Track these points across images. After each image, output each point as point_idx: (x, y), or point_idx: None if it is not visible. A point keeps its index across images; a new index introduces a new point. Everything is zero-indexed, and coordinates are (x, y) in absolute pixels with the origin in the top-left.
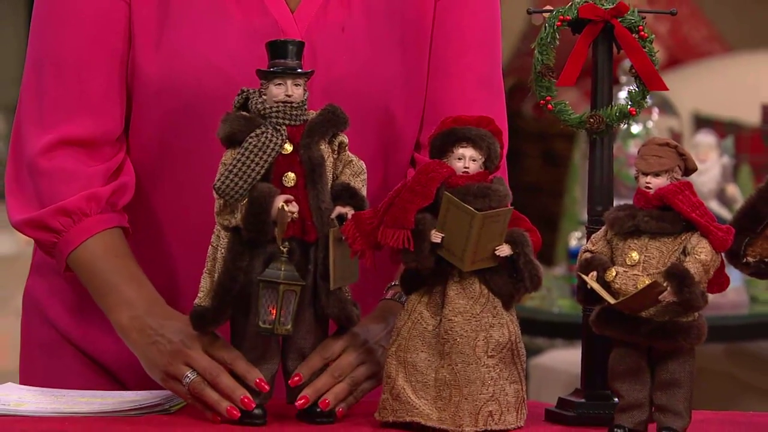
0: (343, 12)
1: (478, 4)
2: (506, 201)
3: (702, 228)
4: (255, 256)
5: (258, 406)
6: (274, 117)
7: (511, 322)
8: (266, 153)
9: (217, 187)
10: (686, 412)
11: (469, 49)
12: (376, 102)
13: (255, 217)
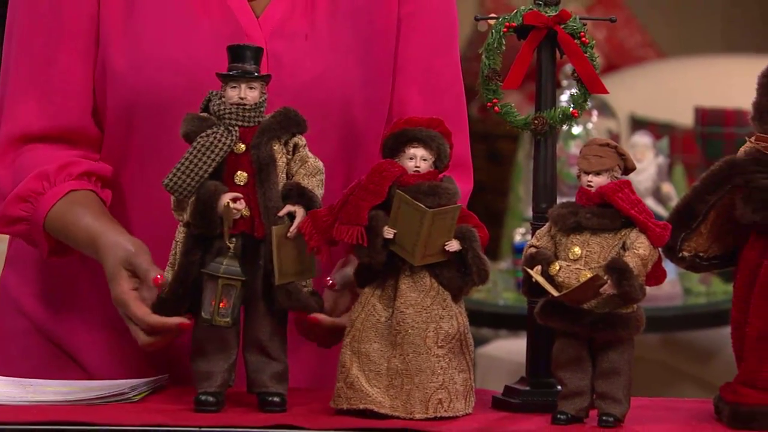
0: (306, 19)
1: (441, 13)
2: (455, 199)
3: (640, 224)
4: (207, 251)
5: (210, 394)
6: (227, 118)
7: (459, 314)
8: (214, 152)
9: (165, 183)
10: (625, 399)
11: (434, 56)
12: (340, 106)
13: (201, 214)
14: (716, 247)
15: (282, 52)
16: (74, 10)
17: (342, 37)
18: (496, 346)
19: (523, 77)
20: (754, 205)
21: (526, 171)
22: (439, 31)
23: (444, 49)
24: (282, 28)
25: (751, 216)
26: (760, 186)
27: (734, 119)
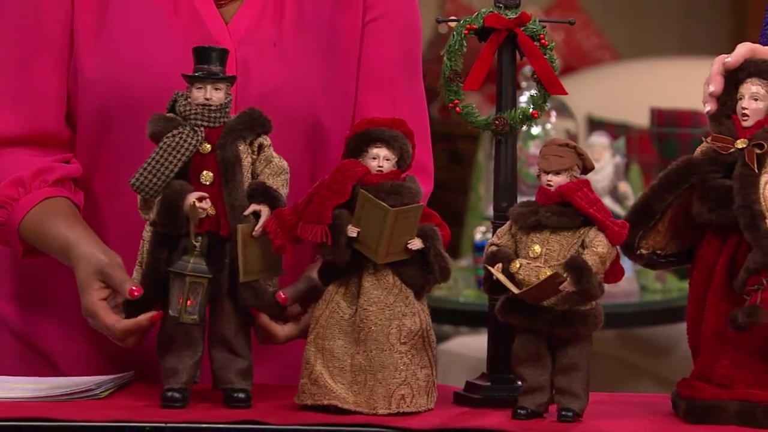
0: (274, 26)
1: (404, 20)
2: (418, 198)
3: (599, 223)
4: (173, 249)
5: (176, 390)
6: (193, 118)
7: (422, 311)
8: (180, 152)
9: (132, 183)
10: (584, 394)
11: (395, 68)
12: (305, 112)
13: (167, 213)
14: (673, 245)
15: (250, 59)
16: (49, 15)
17: (308, 44)
18: (456, 342)
19: (483, 78)
20: (710, 204)
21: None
22: (402, 38)
23: (407, 56)
24: (250, 35)
25: (707, 215)
26: (716, 186)
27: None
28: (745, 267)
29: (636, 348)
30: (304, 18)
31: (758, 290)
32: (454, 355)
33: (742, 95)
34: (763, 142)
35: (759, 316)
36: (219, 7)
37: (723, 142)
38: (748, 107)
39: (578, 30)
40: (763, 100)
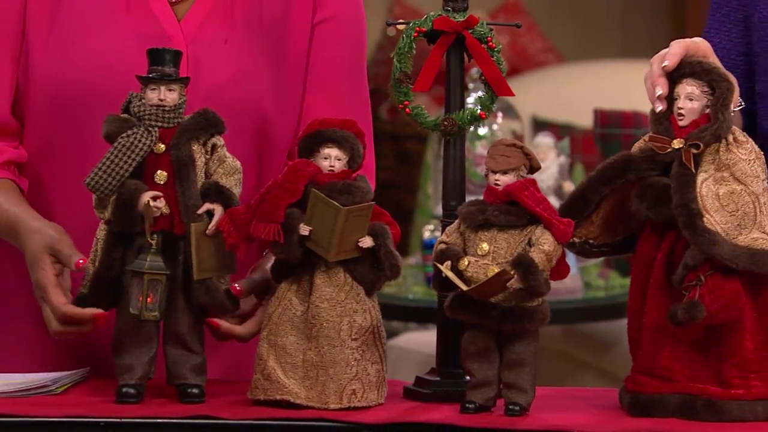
0: (225, 24)
1: (351, 23)
2: (368, 197)
3: (545, 221)
4: (128, 248)
5: (131, 386)
6: (147, 119)
7: (373, 307)
8: (134, 152)
9: (87, 182)
10: (531, 388)
11: (341, 71)
12: (253, 109)
13: (122, 212)
14: (606, 236)
15: (201, 55)
16: (2, 7)
17: (258, 43)
18: (405, 338)
19: (433, 80)
20: (649, 202)
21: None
22: (348, 40)
23: (353, 58)
24: (202, 32)
25: (645, 212)
26: (654, 184)
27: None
28: (683, 263)
29: (580, 343)
30: (254, 16)
31: (696, 286)
32: (403, 350)
33: (678, 95)
34: (699, 142)
35: (697, 312)
36: (171, 5)
37: (660, 142)
38: (684, 107)
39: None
40: (698, 100)
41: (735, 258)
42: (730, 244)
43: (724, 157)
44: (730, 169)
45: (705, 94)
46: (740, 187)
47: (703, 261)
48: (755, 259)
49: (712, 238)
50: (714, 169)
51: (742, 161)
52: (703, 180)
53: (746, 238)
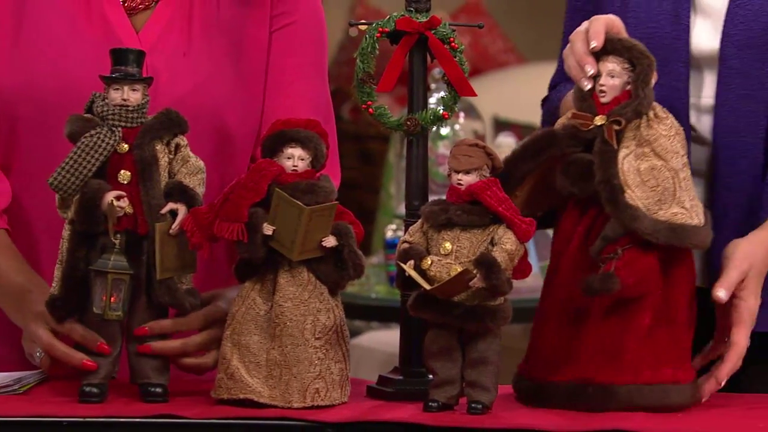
0: (184, 35)
1: (310, 27)
2: (332, 197)
3: (507, 221)
4: (91, 248)
5: (94, 385)
6: (111, 119)
7: (336, 306)
8: (98, 152)
9: (50, 182)
10: (493, 387)
11: (302, 74)
12: (214, 114)
13: (85, 211)
14: (528, 209)
15: (160, 67)
16: None
17: (217, 50)
18: (368, 337)
19: (396, 80)
20: (572, 177)
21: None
22: (308, 45)
23: (313, 61)
24: (161, 44)
25: (569, 188)
26: (577, 160)
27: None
28: (603, 235)
29: None
30: (212, 24)
31: (613, 258)
32: (366, 349)
33: (600, 72)
34: (620, 118)
35: (612, 284)
36: (130, 16)
37: (583, 119)
38: (606, 84)
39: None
40: (619, 77)
41: (656, 233)
42: (650, 219)
43: (645, 132)
44: (650, 144)
45: (626, 71)
46: (660, 163)
47: (622, 234)
48: (675, 233)
49: (634, 213)
50: (635, 145)
51: (663, 137)
52: (625, 156)
53: (666, 213)
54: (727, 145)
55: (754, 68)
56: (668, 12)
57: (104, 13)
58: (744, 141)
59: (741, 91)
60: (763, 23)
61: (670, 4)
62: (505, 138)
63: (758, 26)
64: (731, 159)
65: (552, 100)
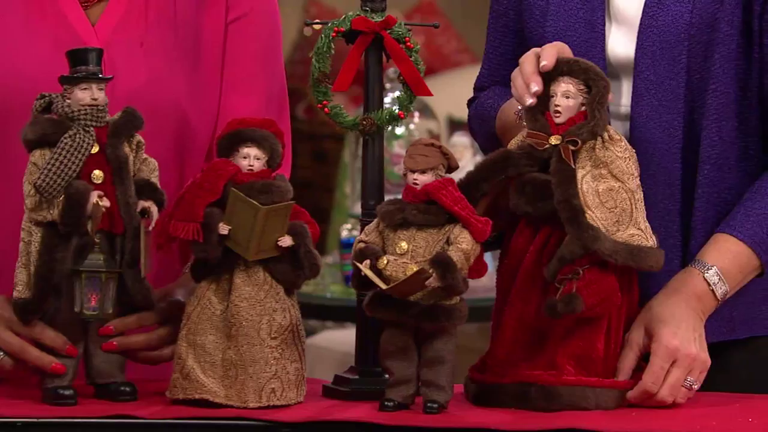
0: (140, 27)
1: (265, 21)
2: (288, 196)
3: (463, 220)
4: (66, 248)
5: (67, 387)
6: (83, 119)
7: (292, 306)
8: (80, 152)
9: (38, 184)
10: (449, 386)
11: (258, 69)
12: (171, 110)
13: (72, 212)
14: None
15: (117, 59)
16: None
17: (173, 43)
18: (323, 337)
19: (351, 80)
20: (528, 197)
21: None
22: (263, 38)
23: (268, 54)
24: (117, 36)
25: (524, 207)
26: (532, 179)
27: None
28: (559, 256)
29: None
30: (168, 17)
31: (572, 279)
32: (321, 349)
33: (555, 93)
34: (576, 138)
35: (576, 305)
36: (85, 9)
37: (538, 138)
38: (561, 104)
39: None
40: (574, 97)
41: (615, 253)
42: (610, 240)
43: (600, 154)
44: (608, 166)
45: (581, 92)
46: (618, 184)
47: (580, 255)
48: (633, 254)
49: (595, 233)
50: (591, 166)
51: (619, 159)
52: (583, 176)
53: (624, 234)
54: (643, 155)
55: (668, 79)
56: (584, 20)
57: (59, 7)
58: (660, 152)
59: (655, 102)
60: (676, 35)
61: (586, 12)
62: (460, 138)
63: (672, 37)
64: (646, 169)
65: (484, 106)
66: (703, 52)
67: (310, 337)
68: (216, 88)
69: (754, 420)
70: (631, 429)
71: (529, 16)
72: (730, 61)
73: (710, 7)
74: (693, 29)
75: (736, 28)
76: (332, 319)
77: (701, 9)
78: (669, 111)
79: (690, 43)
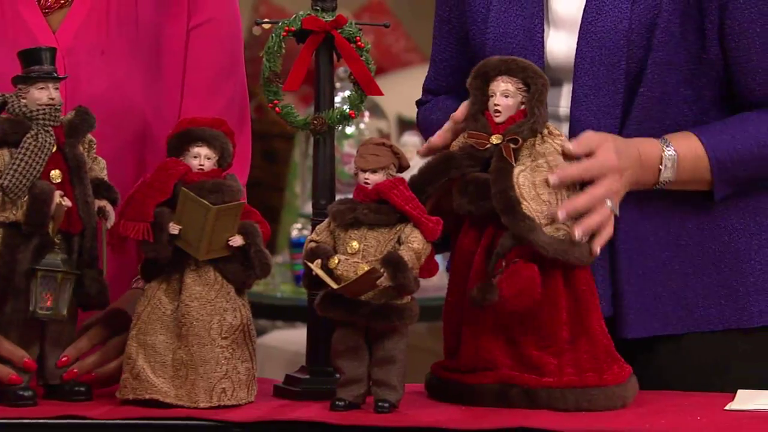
0: (101, 33)
1: (227, 27)
2: (238, 196)
3: (414, 219)
4: (28, 248)
5: (23, 389)
6: (42, 119)
7: (243, 306)
8: (43, 153)
9: (4, 185)
10: (400, 385)
11: (220, 75)
12: (132, 116)
13: (37, 212)
14: None
15: (79, 65)
16: None
17: (134, 50)
18: (273, 336)
19: (302, 79)
20: (470, 196)
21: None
22: (225, 45)
23: (229, 60)
24: (78, 42)
25: (467, 206)
26: (474, 179)
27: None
28: (496, 251)
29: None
30: (130, 23)
31: (501, 272)
32: (271, 348)
33: (494, 92)
34: (517, 136)
35: (489, 294)
36: (46, 15)
37: (479, 138)
38: (500, 104)
39: (388, 33)
40: (513, 96)
41: (547, 245)
42: (545, 233)
43: (539, 148)
44: (545, 157)
45: (520, 90)
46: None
47: (509, 248)
48: (562, 247)
49: (531, 224)
50: (530, 161)
51: (557, 151)
52: (521, 171)
53: (550, 228)
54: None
55: (607, 84)
56: (523, 27)
57: (19, 13)
58: None
59: (594, 108)
60: (615, 41)
61: (526, 18)
62: (410, 137)
63: (610, 43)
64: None
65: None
66: (641, 57)
67: (260, 337)
68: (177, 93)
69: (702, 418)
70: (581, 428)
71: (471, 23)
72: (667, 66)
73: (648, 14)
74: (632, 35)
75: (673, 33)
76: (282, 318)
77: (639, 15)
78: (607, 116)
79: (629, 49)
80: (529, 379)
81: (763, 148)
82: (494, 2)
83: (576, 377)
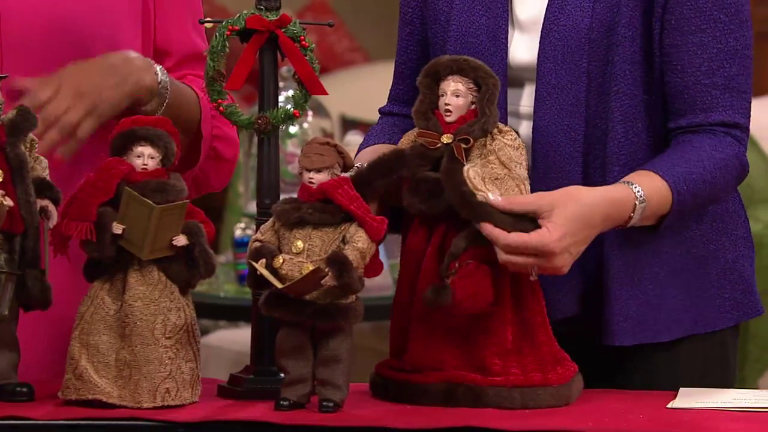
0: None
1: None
2: (182, 195)
3: (359, 219)
4: None
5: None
6: None
7: (187, 306)
8: None
9: None
10: (345, 385)
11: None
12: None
13: None
14: None
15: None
16: None
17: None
18: (216, 336)
19: (245, 78)
20: (421, 195)
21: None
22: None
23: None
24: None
25: (418, 206)
26: (425, 178)
27: None
28: (449, 252)
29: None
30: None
31: (454, 274)
32: (214, 348)
33: (444, 92)
34: (468, 136)
35: (442, 296)
36: None
37: (430, 137)
38: (451, 103)
39: (330, 32)
40: (464, 96)
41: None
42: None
43: (490, 146)
44: (496, 153)
45: (471, 90)
46: (504, 172)
47: (463, 250)
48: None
49: (486, 209)
50: (480, 160)
51: (507, 146)
52: (471, 166)
53: None
54: (545, 159)
55: (570, 84)
56: (487, 27)
57: None
58: (561, 156)
59: (558, 106)
60: (576, 40)
61: (490, 19)
62: (353, 136)
63: (572, 43)
64: (547, 172)
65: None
66: (603, 56)
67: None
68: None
69: (644, 416)
70: (526, 427)
71: (433, 22)
72: (631, 63)
73: (609, 12)
74: (593, 33)
75: (635, 30)
76: (226, 318)
77: (600, 14)
78: (571, 115)
79: (590, 48)
80: (476, 378)
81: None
82: (457, 2)
83: (521, 377)
